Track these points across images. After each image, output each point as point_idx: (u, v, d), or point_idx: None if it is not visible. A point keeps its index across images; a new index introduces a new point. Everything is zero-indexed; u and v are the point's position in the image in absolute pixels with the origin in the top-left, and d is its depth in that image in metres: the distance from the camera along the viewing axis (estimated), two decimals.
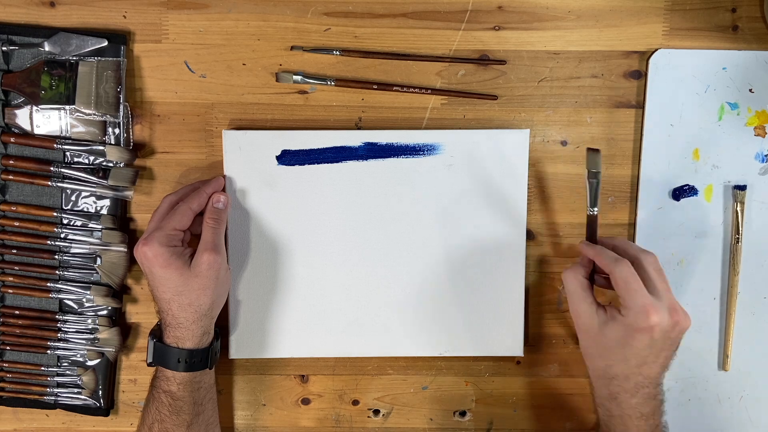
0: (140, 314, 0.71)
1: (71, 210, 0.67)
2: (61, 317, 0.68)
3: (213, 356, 0.64)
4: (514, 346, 0.70)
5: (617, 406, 0.60)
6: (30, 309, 0.68)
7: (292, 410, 0.73)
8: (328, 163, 0.67)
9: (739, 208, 0.69)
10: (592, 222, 0.63)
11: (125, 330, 0.70)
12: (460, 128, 0.68)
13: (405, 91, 0.67)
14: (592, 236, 0.64)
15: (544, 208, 0.70)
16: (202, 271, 0.61)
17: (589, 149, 0.62)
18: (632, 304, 0.57)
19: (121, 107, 0.65)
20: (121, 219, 0.68)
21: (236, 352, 0.69)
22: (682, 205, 0.69)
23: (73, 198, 0.67)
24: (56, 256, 0.67)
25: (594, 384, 0.62)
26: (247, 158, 0.66)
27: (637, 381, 0.59)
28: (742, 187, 0.69)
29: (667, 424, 0.62)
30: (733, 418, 0.72)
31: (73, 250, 0.67)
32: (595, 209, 0.63)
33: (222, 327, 0.68)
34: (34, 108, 0.65)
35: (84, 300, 0.68)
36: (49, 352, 0.69)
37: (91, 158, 0.66)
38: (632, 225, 0.70)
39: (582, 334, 0.62)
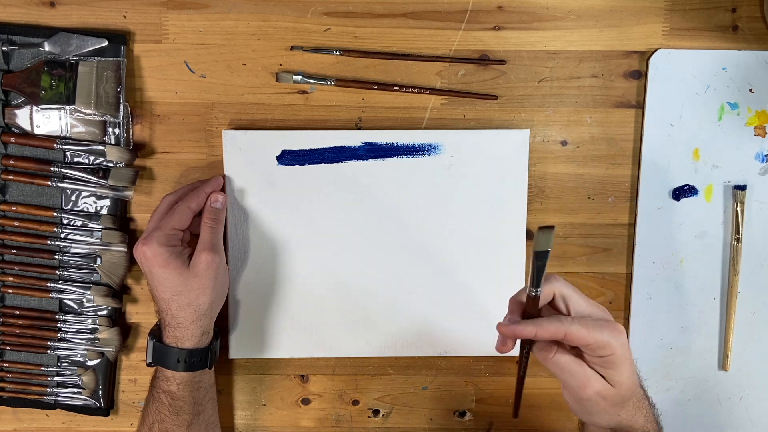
0: (140, 314, 0.71)
1: (71, 210, 0.67)
2: (61, 317, 0.68)
3: (212, 356, 0.64)
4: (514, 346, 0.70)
5: (638, 415, 0.56)
6: (30, 309, 0.68)
7: (292, 410, 0.73)
8: (328, 163, 0.67)
9: (739, 208, 0.69)
10: (533, 303, 0.52)
11: (125, 330, 0.70)
12: (460, 128, 0.68)
13: (405, 91, 0.67)
14: (531, 317, 0.53)
15: (544, 208, 0.70)
16: (201, 271, 0.61)
17: (540, 228, 0.50)
18: (623, 377, 0.53)
19: (121, 107, 0.65)
20: (121, 219, 0.68)
21: (236, 352, 0.69)
22: (682, 205, 0.69)
23: (73, 198, 0.67)
24: (56, 256, 0.67)
25: (625, 426, 0.57)
26: (247, 158, 0.66)
27: (635, 402, 0.56)
28: (742, 187, 0.69)
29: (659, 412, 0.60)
30: (733, 418, 0.72)
31: (73, 250, 0.67)
32: (538, 290, 0.52)
33: (221, 327, 0.68)
34: (34, 108, 0.65)
35: (84, 300, 0.68)
36: (49, 352, 0.69)
37: (91, 158, 0.66)
38: (632, 225, 0.70)
39: (599, 403, 0.54)
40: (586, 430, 0.63)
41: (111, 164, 0.66)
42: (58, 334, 0.69)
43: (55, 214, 0.66)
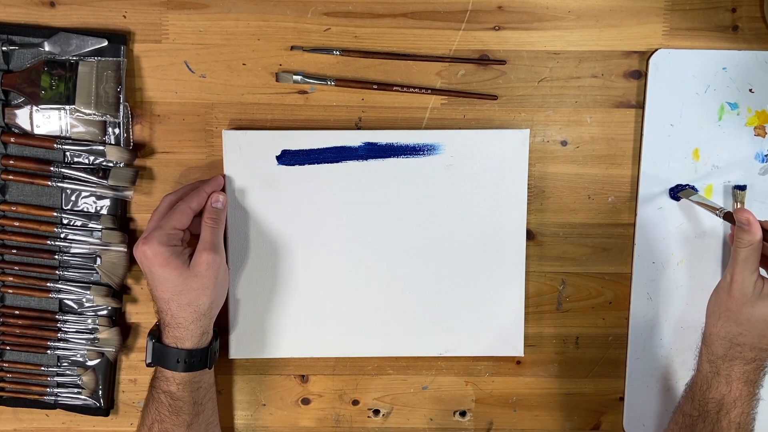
0: (140, 314, 0.71)
1: (71, 210, 0.67)
2: (61, 317, 0.68)
3: (212, 356, 0.64)
4: (514, 346, 0.70)
5: (728, 368, 0.60)
6: (30, 309, 0.68)
7: (292, 410, 0.73)
8: (328, 163, 0.67)
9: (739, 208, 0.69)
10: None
11: (125, 330, 0.70)
12: (460, 128, 0.68)
13: (405, 91, 0.67)
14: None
15: (544, 208, 0.70)
16: (201, 270, 0.61)
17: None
18: None
19: (121, 107, 0.65)
20: (121, 219, 0.68)
21: (236, 352, 0.69)
22: (682, 205, 0.69)
23: (73, 198, 0.67)
24: (56, 256, 0.67)
25: (710, 341, 0.62)
26: (247, 158, 0.66)
27: (758, 355, 0.60)
28: (742, 187, 0.69)
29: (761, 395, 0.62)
30: None
31: (73, 250, 0.67)
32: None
33: (221, 327, 0.68)
34: (34, 108, 0.65)
35: (84, 300, 0.68)
36: (49, 352, 0.69)
37: (91, 158, 0.66)
38: (632, 225, 0.70)
39: (727, 296, 0.61)
40: (703, 344, 0.64)
41: (111, 164, 0.66)
42: (58, 334, 0.69)
43: (55, 214, 0.66)
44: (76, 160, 0.66)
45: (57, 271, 0.67)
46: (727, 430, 0.60)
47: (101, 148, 0.66)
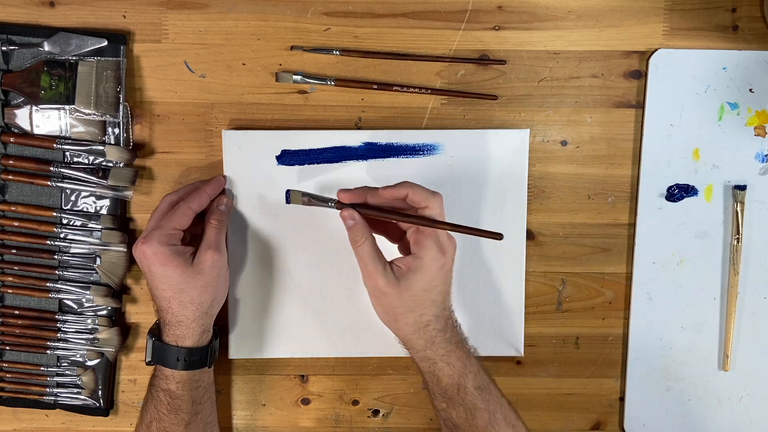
0: (140, 314, 0.71)
1: (71, 210, 0.67)
2: (60, 317, 0.68)
3: (212, 355, 0.64)
4: (514, 346, 0.70)
5: (436, 349, 0.60)
6: (29, 309, 0.68)
7: (292, 410, 0.73)
8: (328, 163, 0.67)
9: (739, 208, 0.69)
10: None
11: (125, 330, 0.70)
12: (460, 128, 0.68)
13: (405, 91, 0.67)
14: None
15: (544, 208, 0.70)
16: (205, 269, 0.61)
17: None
18: (433, 242, 0.58)
19: (121, 107, 0.65)
20: (120, 219, 0.68)
21: (236, 352, 0.69)
22: (682, 205, 0.69)
23: (72, 198, 0.67)
24: (56, 256, 0.67)
25: (409, 341, 0.61)
26: (247, 158, 0.66)
27: (444, 316, 0.61)
28: (742, 187, 0.69)
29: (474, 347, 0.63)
30: (733, 418, 0.72)
31: (72, 250, 0.67)
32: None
33: (221, 326, 0.68)
34: (34, 108, 0.65)
35: (84, 300, 0.68)
36: (48, 352, 0.69)
37: (91, 158, 0.66)
38: (632, 225, 0.70)
39: (385, 298, 0.60)
40: (408, 348, 0.63)
41: (111, 164, 0.66)
42: (58, 334, 0.69)
43: (54, 214, 0.66)
44: (75, 160, 0.66)
45: (57, 271, 0.67)
46: (473, 403, 0.60)
47: (101, 148, 0.66)
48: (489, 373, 0.63)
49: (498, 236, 0.57)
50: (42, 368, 0.69)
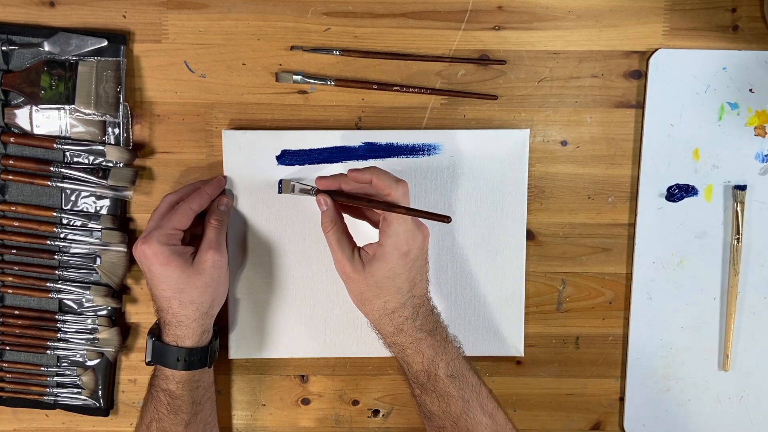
0: (140, 314, 0.71)
1: (71, 210, 0.67)
2: (60, 317, 0.68)
3: (212, 355, 0.64)
4: (514, 346, 0.70)
5: (405, 336, 0.61)
6: (29, 309, 0.68)
7: (292, 410, 0.73)
8: (328, 163, 0.67)
9: (739, 208, 0.69)
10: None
11: (125, 330, 0.70)
12: (460, 128, 0.68)
13: (405, 91, 0.67)
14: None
15: (544, 208, 0.70)
16: (206, 269, 0.61)
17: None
18: (396, 230, 0.58)
19: (121, 107, 0.65)
20: (120, 219, 0.68)
21: (236, 352, 0.69)
22: (682, 205, 0.69)
23: (72, 198, 0.67)
24: (56, 256, 0.67)
25: (378, 326, 0.62)
26: (247, 158, 0.66)
27: (414, 304, 0.61)
28: (742, 187, 0.69)
29: (455, 336, 0.63)
30: (733, 418, 0.72)
31: (72, 250, 0.67)
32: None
33: (221, 327, 0.68)
34: (34, 108, 0.65)
35: (84, 300, 0.68)
36: (48, 352, 0.69)
37: (91, 158, 0.66)
38: (632, 225, 0.70)
39: (353, 283, 0.61)
40: (378, 334, 0.63)
41: (111, 164, 0.66)
42: (58, 334, 0.69)
43: (54, 214, 0.66)
44: (75, 160, 0.66)
45: (57, 271, 0.67)
46: (446, 391, 0.60)
47: (101, 148, 0.66)
48: (470, 362, 0.62)
49: (446, 219, 0.58)
50: (42, 368, 0.69)
